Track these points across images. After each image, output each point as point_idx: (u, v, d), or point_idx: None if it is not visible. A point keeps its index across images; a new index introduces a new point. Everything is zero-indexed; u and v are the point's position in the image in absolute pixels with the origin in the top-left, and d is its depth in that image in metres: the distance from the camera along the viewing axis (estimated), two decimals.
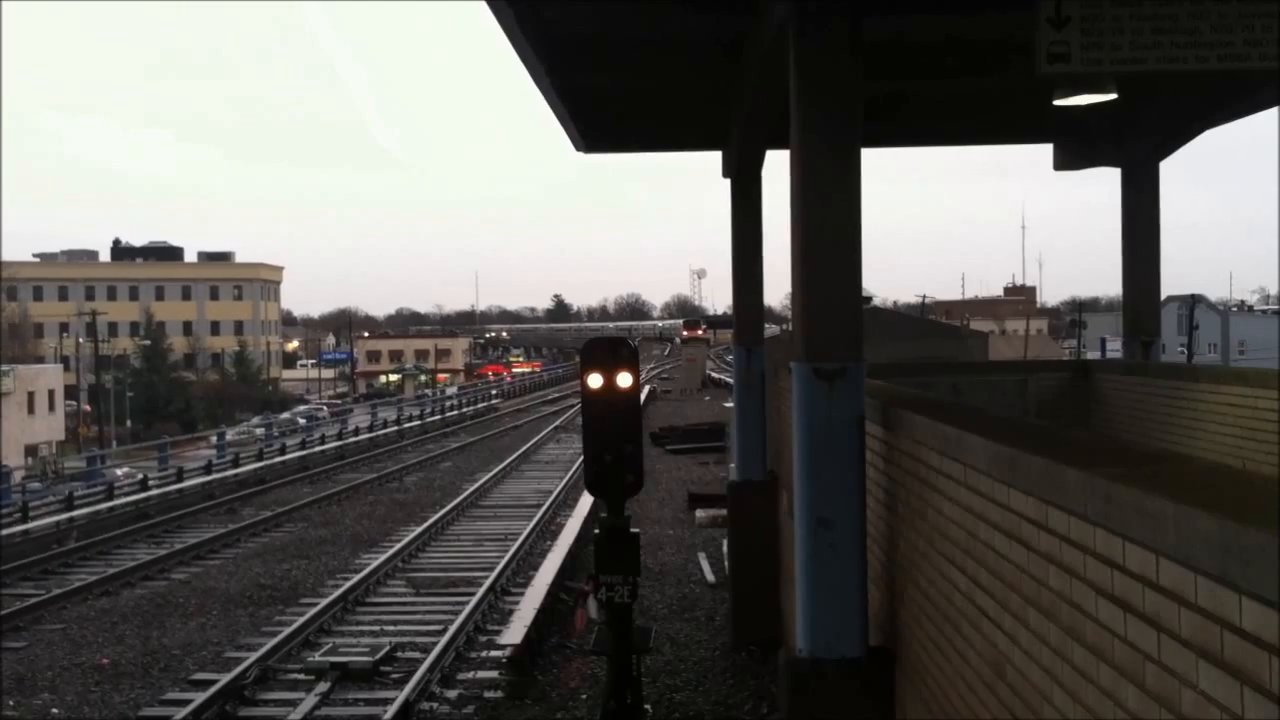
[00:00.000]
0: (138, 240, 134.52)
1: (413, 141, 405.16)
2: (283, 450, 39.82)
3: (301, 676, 13.82)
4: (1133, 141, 13.50)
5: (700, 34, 10.16)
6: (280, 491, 32.36)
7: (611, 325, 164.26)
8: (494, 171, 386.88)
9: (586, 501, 23.52)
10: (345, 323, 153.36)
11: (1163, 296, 15.07)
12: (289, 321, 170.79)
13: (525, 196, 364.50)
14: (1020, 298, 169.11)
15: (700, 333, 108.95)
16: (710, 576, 18.47)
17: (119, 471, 38.31)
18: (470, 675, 13.64)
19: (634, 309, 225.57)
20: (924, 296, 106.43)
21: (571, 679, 13.46)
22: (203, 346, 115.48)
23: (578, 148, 15.25)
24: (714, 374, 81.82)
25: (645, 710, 9.43)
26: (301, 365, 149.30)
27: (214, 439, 46.50)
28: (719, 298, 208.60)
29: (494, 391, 76.33)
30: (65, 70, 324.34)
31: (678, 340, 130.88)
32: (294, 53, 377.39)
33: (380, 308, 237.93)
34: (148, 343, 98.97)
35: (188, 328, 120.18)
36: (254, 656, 14.03)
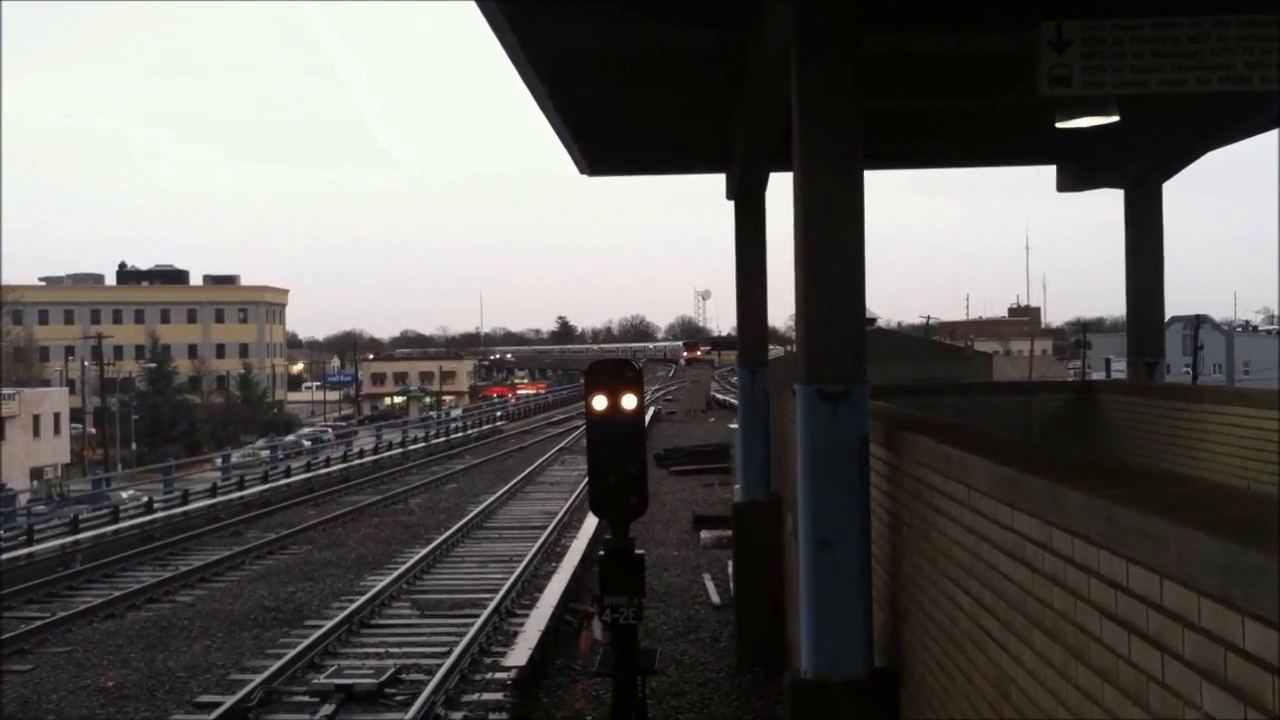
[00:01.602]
0: (143, 262, 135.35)
1: (413, 141, 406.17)
2: (288, 472, 39.77)
3: (306, 699, 13.78)
4: (1135, 163, 13.55)
5: (702, 49, 10.21)
6: (285, 514, 32.34)
7: (616, 347, 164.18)
8: (497, 170, 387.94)
9: (591, 523, 23.50)
10: (350, 345, 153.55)
11: (1167, 317, 15.10)
12: (294, 344, 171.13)
13: (530, 205, 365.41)
14: (1025, 318, 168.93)
15: (700, 354, 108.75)
16: (715, 598, 18.43)
17: (124, 494, 38.33)
18: (475, 697, 13.59)
19: (639, 330, 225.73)
20: (928, 317, 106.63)
21: (576, 701, 13.43)
22: (208, 369, 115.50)
23: (581, 170, 15.30)
24: (718, 395, 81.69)
25: None
26: (306, 387, 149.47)
27: (219, 461, 46.54)
28: (724, 319, 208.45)
29: (499, 413, 76.28)
30: (65, 70, 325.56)
31: (682, 361, 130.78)
32: (294, 53, 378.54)
33: (385, 330, 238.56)
34: (153, 365, 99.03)
35: (193, 350, 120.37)
36: (259, 679, 14.01)
